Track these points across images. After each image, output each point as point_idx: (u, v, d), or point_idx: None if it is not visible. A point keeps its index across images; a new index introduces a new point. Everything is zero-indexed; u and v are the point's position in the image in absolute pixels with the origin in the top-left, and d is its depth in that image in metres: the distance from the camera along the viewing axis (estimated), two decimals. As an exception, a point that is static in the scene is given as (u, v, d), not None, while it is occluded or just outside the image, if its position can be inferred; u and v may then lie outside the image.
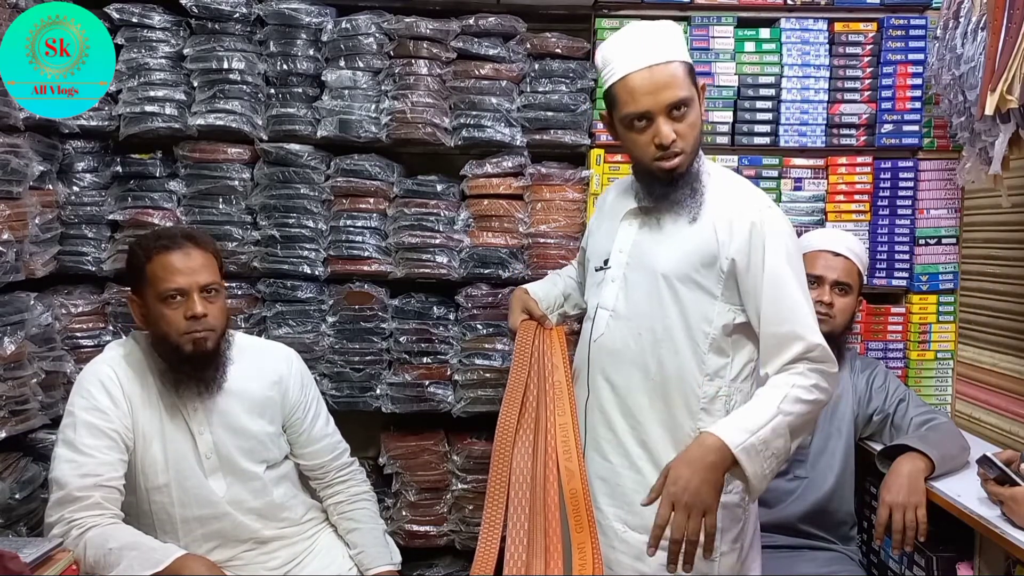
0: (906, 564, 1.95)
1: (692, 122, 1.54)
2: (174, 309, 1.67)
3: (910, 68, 2.34)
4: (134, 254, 1.72)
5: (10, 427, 1.94)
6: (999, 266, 2.24)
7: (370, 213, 2.34)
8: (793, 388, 1.49)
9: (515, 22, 2.33)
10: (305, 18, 2.29)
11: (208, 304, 1.69)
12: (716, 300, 1.59)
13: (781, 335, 1.53)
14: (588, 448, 1.71)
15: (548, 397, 1.67)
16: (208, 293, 1.71)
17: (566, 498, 1.55)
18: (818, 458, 2.09)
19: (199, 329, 1.68)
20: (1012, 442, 2.09)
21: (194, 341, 1.68)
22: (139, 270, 1.69)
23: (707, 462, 1.41)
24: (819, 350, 1.53)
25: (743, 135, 2.37)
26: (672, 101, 1.51)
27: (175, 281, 1.66)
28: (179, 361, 1.70)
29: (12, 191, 1.97)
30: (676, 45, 1.55)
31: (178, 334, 1.67)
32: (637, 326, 1.63)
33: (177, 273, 1.67)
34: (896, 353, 2.40)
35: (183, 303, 1.67)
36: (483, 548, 1.53)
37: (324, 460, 1.92)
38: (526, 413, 1.66)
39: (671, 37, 1.56)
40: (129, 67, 2.24)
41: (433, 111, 2.29)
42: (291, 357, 1.93)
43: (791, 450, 1.52)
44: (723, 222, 1.57)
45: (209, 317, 1.69)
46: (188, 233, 1.75)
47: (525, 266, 2.36)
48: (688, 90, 1.53)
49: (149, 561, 1.48)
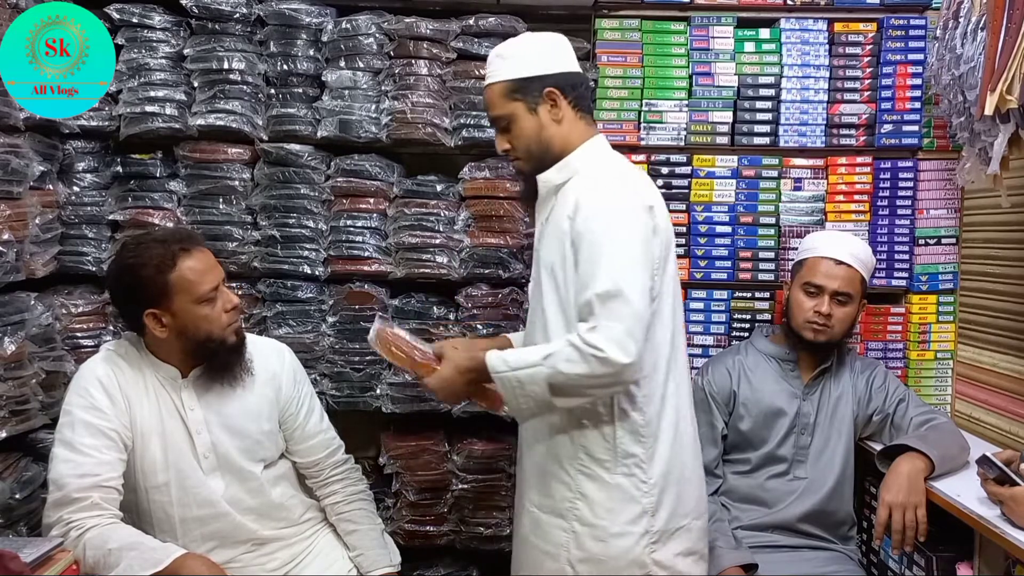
0: (906, 564, 1.95)
1: (516, 134, 1.69)
2: (213, 307, 1.70)
3: (910, 68, 2.34)
4: (144, 268, 1.63)
5: (10, 427, 1.94)
6: (999, 266, 2.24)
7: (370, 213, 2.34)
8: (566, 347, 1.50)
9: (515, 22, 2.33)
10: (305, 18, 2.29)
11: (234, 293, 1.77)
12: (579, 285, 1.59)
13: (578, 304, 1.54)
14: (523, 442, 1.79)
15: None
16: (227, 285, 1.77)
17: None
18: (818, 458, 2.09)
19: (237, 319, 1.76)
20: (1012, 442, 2.09)
21: (236, 331, 1.76)
22: (158, 282, 1.63)
23: (465, 367, 1.65)
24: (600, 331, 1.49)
25: (743, 135, 2.37)
26: (491, 119, 1.74)
27: (209, 280, 1.69)
28: (223, 354, 1.74)
29: (12, 191, 1.98)
30: (498, 66, 1.69)
31: (222, 329, 1.71)
32: (535, 315, 1.71)
33: (207, 272, 1.69)
34: (896, 353, 2.40)
35: (218, 299, 1.71)
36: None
37: (319, 457, 1.92)
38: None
39: (499, 57, 1.70)
40: (129, 67, 2.24)
41: (433, 111, 2.29)
42: (283, 352, 1.94)
43: (551, 403, 1.55)
44: (569, 203, 1.62)
45: (240, 304, 1.78)
46: (187, 233, 1.76)
47: (525, 266, 2.36)
48: (502, 108, 1.68)
49: (149, 561, 1.48)
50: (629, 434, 1.61)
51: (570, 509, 1.63)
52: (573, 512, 1.63)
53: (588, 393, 1.55)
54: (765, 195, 2.38)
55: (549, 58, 1.69)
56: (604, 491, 1.61)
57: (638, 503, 1.61)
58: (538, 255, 1.73)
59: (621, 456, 1.61)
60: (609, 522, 1.60)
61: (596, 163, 1.69)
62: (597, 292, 1.49)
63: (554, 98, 1.67)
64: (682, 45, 2.36)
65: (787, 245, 2.37)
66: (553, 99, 1.67)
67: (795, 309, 2.10)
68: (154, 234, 1.78)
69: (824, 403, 2.12)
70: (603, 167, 1.69)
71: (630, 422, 1.61)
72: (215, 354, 1.73)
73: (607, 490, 1.61)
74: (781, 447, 2.10)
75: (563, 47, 1.73)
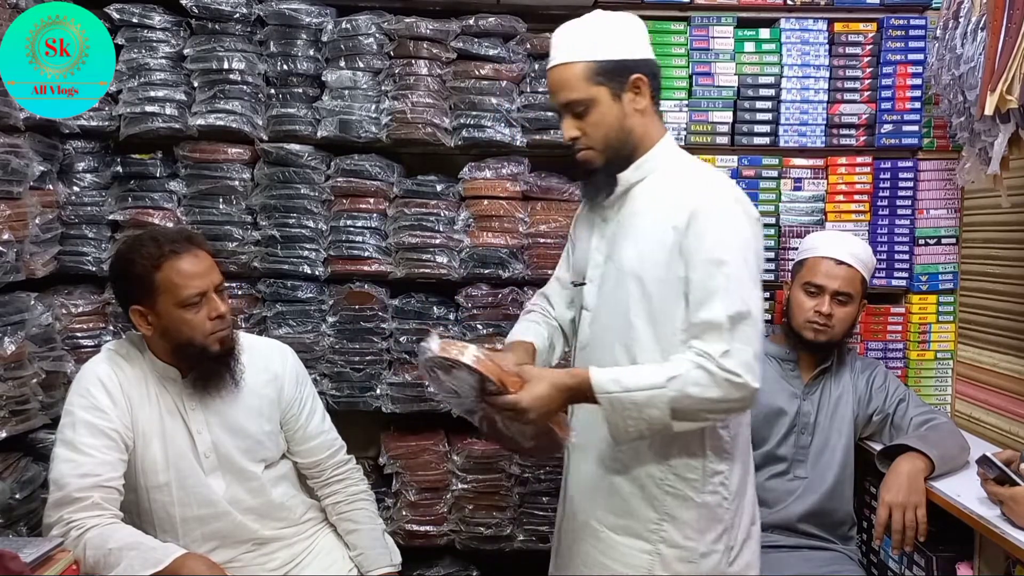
0: (906, 564, 1.95)
1: (594, 121, 1.54)
2: (196, 313, 1.67)
3: (910, 68, 2.34)
4: (134, 263, 1.66)
5: (10, 427, 1.94)
6: (999, 266, 2.24)
7: (370, 213, 2.34)
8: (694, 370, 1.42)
9: (515, 22, 2.33)
10: (305, 18, 2.29)
11: (224, 302, 1.73)
12: (680, 294, 1.51)
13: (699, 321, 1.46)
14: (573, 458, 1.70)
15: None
16: (220, 291, 1.73)
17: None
18: (818, 458, 2.09)
19: (223, 328, 1.71)
20: (1012, 442, 2.09)
21: (221, 340, 1.71)
22: (145, 280, 1.65)
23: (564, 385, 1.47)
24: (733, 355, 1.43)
25: (743, 135, 2.37)
26: (564, 102, 1.55)
27: (195, 286, 1.66)
28: (206, 361, 1.71)
29: (12, 191, 1.97)
30: (581, 44, 1.53)
31: (204, 336, 1.68)
32: (612, 327, 1.60)
33: (194, 277, 1.66)
34: (896, 353, 2.40)
35: (204, 305, 1.68)
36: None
37: (320, 457, 1.92)
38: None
39: (579, 35, 1.55)
40: (129, 67, 2.24)
41: (433, 111, 2.29)
42: (285, 353, 1.93)
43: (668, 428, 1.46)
44: (676, 212, 1.52)
45: (228, 314, 1.72)
46: (187, 235, 1.75)
47: (525, 266, 2.36)
48: (584, 91, 1.52)
49: (149, 561, 1.48)
50: (717, 452, 1.56)
51: (655, 531, 1.56)
52: (659, 534, 1.56)
53: (711, 417, 1.49)
54: (765, 195, 2.38)
55: (636, 42, 1.57)
56: (693, 511, 1.55)
57: (721, 521, 1.58)
58: (606, 258, 1.62)
59: (709, 475, 1.55)
60: (697, 543, 1.55)
61: (682, 164, 1.61)
62: (729, 313, 1.42)
63: (640, 86, 1.55)
64: (682, 45, 2.36)
65: (787, 245, 2.37)
66: (639, 87, 1.55)
67: (795, 309, 2.11)
68: (155, 232, 1.79)
69: (824, 403, 2.12)
70: (697, 170, 1.60)
71: (718, 440, 1.56)
72: (198, 360, 1.71)
73: (696, 510, 1.55)
74: (781, 447, 2.10)
75: (645, 31, 1.60)
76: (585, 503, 1.66)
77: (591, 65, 1.52)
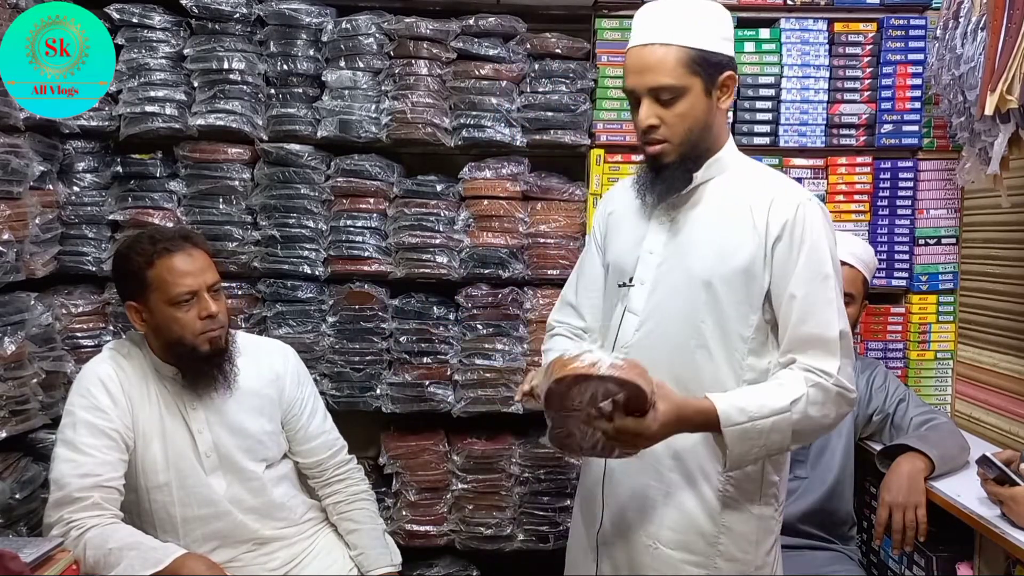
0: (906, 564, 1.95)
1: (681, 112, 1.43)
2: (186, 311, 1.67)
3: (910, 68, 2.34)
4: (129, 260, 1.68)
5: (10, 427, 1.94)
6: (999, 266, 2.24)
7: (370, 213, 2.34)
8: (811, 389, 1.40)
9: (515, 22, 2.33)
10: (305, 18, 2.29)
11: (217, 302, 1.71)
12: (755, 302, 1.47)
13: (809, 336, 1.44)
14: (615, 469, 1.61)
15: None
16: (215, 291, 1.72)
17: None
18: (818, 458, 2.09)
19: (214, 328, 1.70)
20: (1012, 442, 2.10)
21: (210, 340, 1.70)
22: (139, 276, 1.67)
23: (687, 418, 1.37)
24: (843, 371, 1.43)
25: (743, 135, 2.37)
26: (652, 86, 1.42)
27: (186, 284, 1.66)
28: (196, 361, 1.70)
29: (12, 191, 1.97)
30: (682, 28, 1.41)
31: (194, 335, 1.68)
32: (669, 332, 1.51)
33: (186, 275, 1.66)
34: (896, 353, 2.40)
35: (195, 304, 1.68)
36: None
37: (322, 457, 1.92)
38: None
39: (684, 18, 1.42)
40: (129, 67, 2.24)
41: (433, 111, 2.29)
42: (287, 353, 1.93)
43: (783, 450, 1.46)
44: (759, 216, 1.46)
45: (220, 314, 1.71)
46: (185, 234, 1.75)
47: (525, 266, 2.36)
48: (678, 79, 1.41)
49: (149, 561, 1.48)
50: (773, 464, 1.53)
51: (713, 544, 1.51)
52: (716, 547, 1.50)
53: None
54: (765, 195, 2.38)
55: (730, 38, 1.48)
56: (750, 523, 1.52)
57: (772, 532, 1.56)
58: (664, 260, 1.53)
59: (766, 486, 1.52)
60: (754, 555, 1.52)
61: (751, 167, 1.56)
62: (842, 328, 1.43)
63: (729, 84, 1.46)
64: (682, 45, 2.36)
65: (787, 245, 2.37)
66: (728, 85, 1.46)
67: (795, 309, 2.10)
68: (155, 230, 1.81)
69: (824, 403, 2.12)
70: (768, 174, 1.55)
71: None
72: (189, 359, 1.71)
73: (753, 522, 1.52)
74: (781, 447, 2.10)
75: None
76: (632, 516, 1.57)
77: (691, 52, 1.41)
